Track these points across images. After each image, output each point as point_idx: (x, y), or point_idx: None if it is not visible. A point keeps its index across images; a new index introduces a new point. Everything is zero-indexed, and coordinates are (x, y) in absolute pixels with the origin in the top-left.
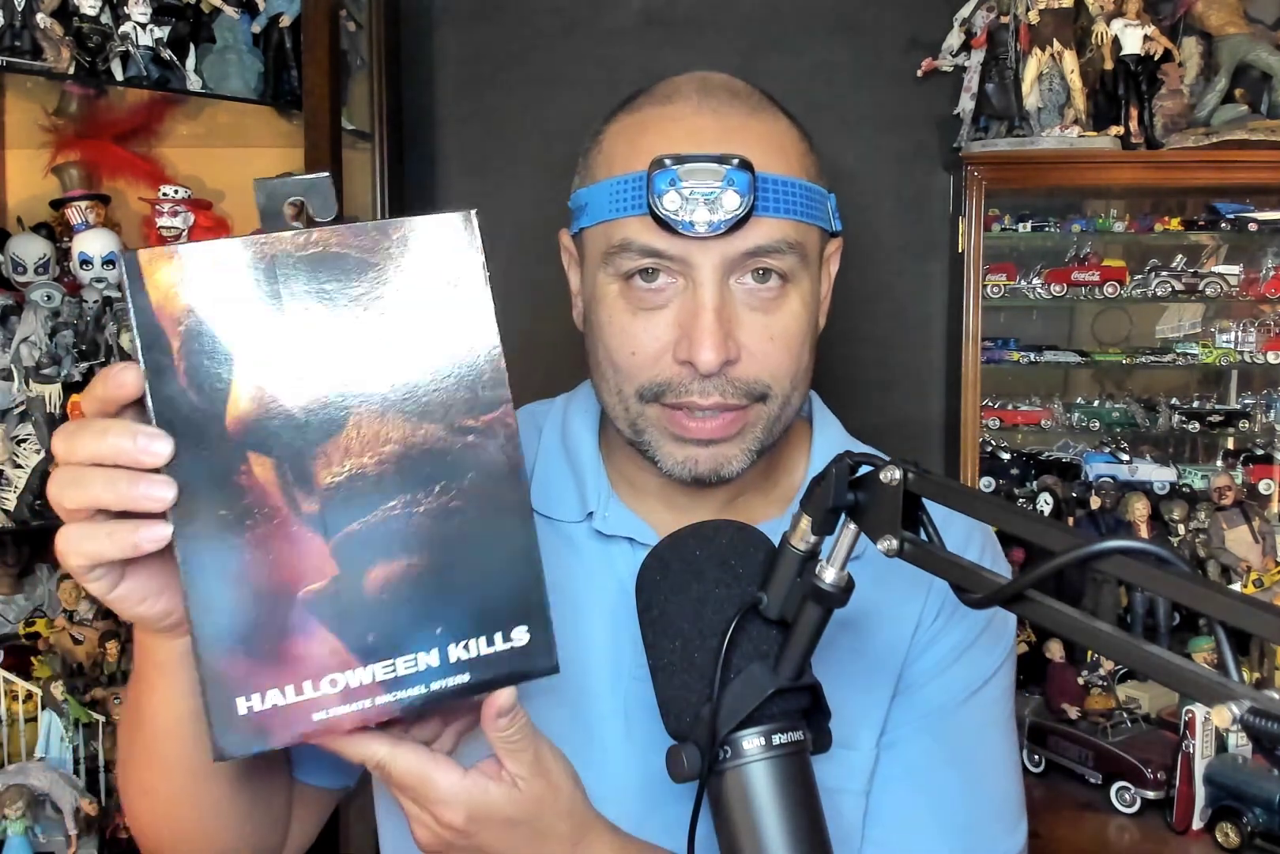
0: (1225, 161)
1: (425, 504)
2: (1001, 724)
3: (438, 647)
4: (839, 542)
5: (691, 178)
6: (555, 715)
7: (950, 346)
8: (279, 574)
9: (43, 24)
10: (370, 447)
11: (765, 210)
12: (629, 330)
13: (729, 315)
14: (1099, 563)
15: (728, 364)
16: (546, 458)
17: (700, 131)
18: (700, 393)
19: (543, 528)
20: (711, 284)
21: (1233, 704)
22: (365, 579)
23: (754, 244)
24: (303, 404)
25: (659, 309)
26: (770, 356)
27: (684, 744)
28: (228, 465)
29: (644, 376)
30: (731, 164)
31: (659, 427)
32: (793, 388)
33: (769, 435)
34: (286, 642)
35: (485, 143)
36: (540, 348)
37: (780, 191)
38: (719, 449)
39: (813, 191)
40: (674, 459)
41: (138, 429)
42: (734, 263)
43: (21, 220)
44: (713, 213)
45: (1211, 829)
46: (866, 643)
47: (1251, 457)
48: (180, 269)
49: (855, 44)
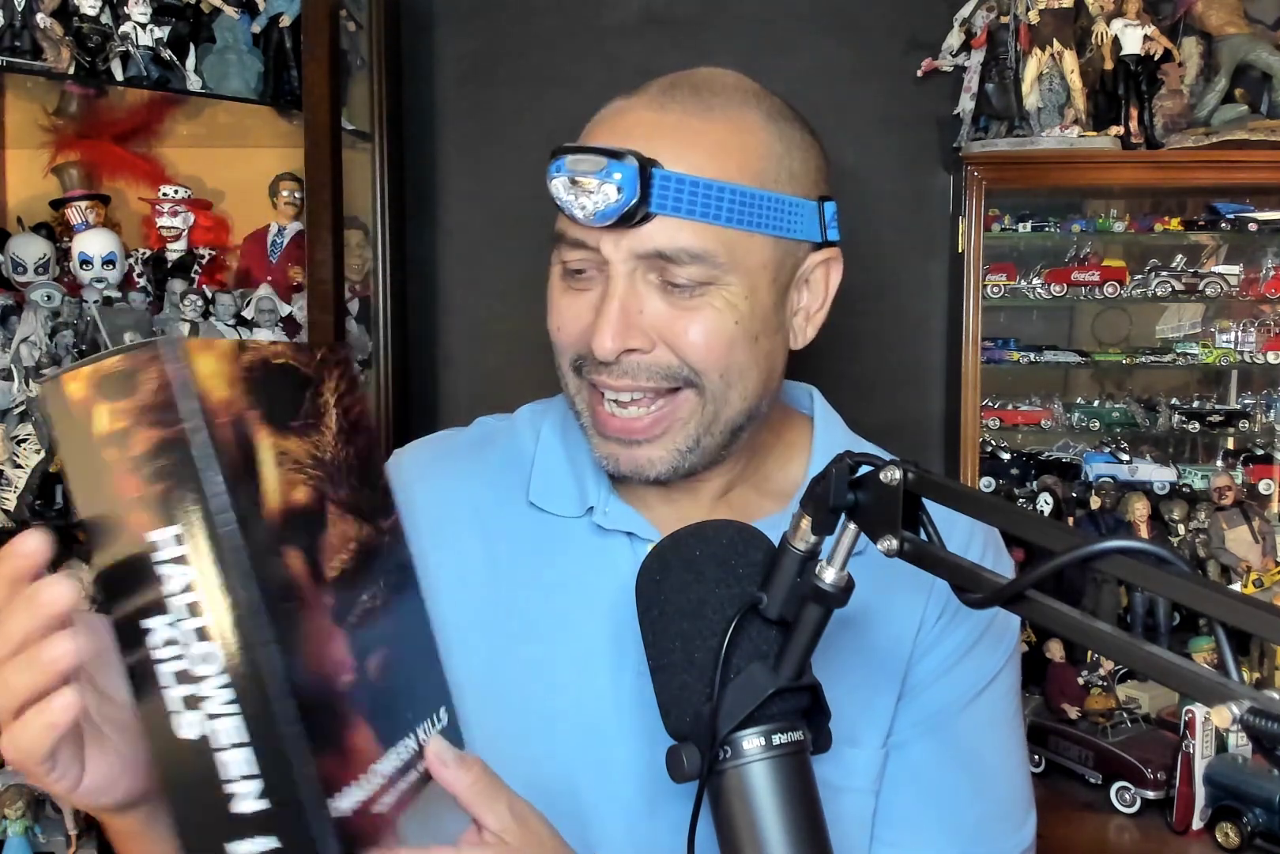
0: (1225, 161)
1: (380, 597)
2: (1007, 721)
3: (413, 731)
4: (839, 542)
5: (575, 167)
6: (556, 713)
7: (950, 346)
8: (328, 666)
9: (43, 24)
10: (344, 543)
11: (668, 209)
12: (559, 306)
13: (639, 306)
14: (1099, 563)
15: (638, 353)
16: (546, 454)
17: (633, 125)
18: (609, 374)
19: (542, 523)
20: (621, 275)
21: (1233, 704)
22: (369, 668)
23: (653, 246)
24: (302, 500)
25: (583, 292)
26: (690, 348)
27: (684, 744)
28: (276, 558)
29: (569, 351)
30: (620, 158)
31: (588, 415)
32: (726, 385)
33: (705, 433)
34: (345, 734)
35: (485, 142)
36: (540, 348)
37: (691, 193)
38: (640, 450)
39: (757, 198)
40: (599, 453)
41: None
42: (642, 259)
43: (21, 220)
44: (596, 204)
45: (1211, 829)
46: (868, 642)
47: (1251, 456)
48: (225, 375)
49: (855, 44)
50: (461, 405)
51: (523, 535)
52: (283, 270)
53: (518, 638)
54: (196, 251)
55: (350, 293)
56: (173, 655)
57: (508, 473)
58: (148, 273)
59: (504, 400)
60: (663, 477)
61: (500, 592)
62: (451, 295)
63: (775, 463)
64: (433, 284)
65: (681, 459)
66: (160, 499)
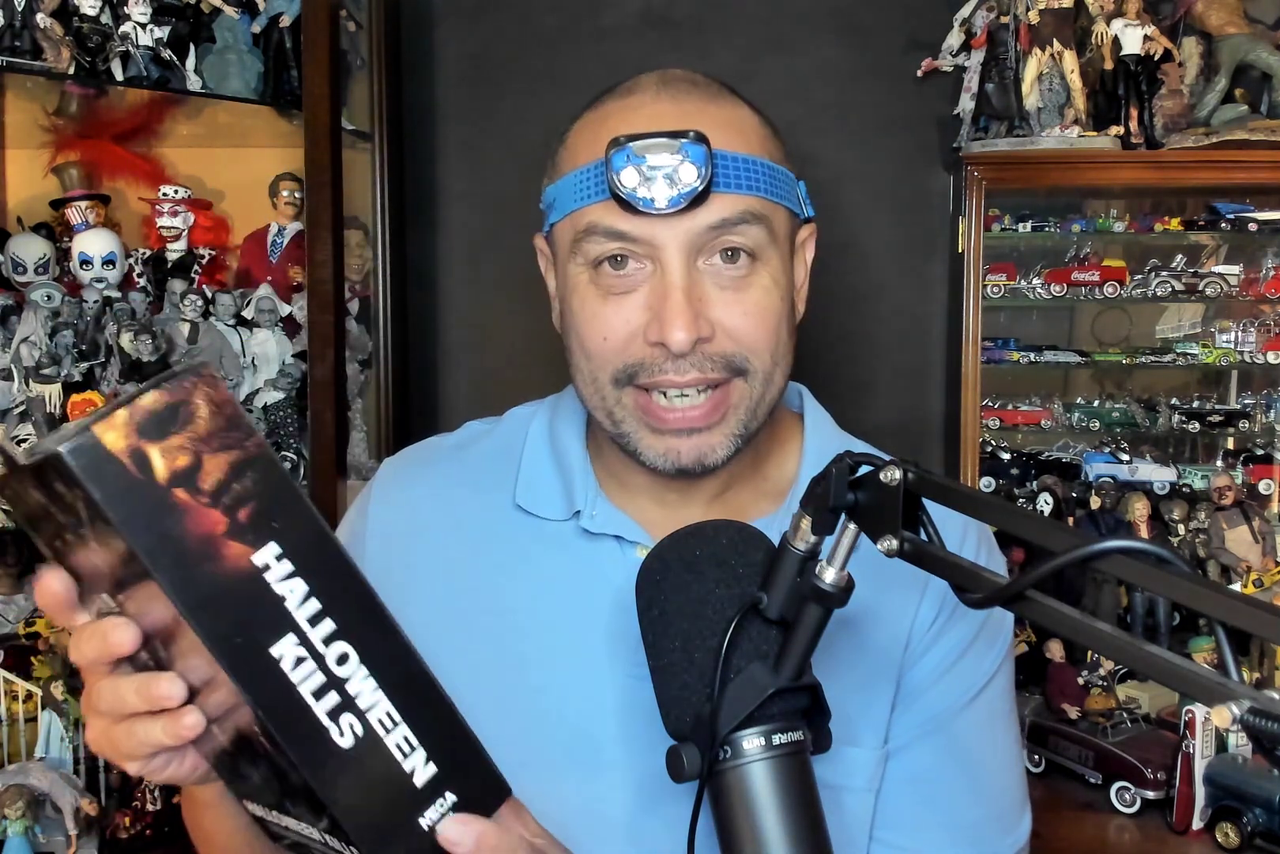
0: (1225, 161)
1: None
2: (1003, 721)
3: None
4: (839, 542)
5: (647, 153)
6: (549, 717)
7: (950, 346)
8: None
9: (43, 24)
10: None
11: (724, 186)
12: (600, 315)
13: (699, 295)
14: (1099, 563)
15: (702, 342)
16: (533, 457)
17: (659, 116)
18: (676, 371)
19: (529, 526)
20: (678, 264)
21: (1233, 704)
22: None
23: (717, 217)
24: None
25: (629, 293)
26: (746, 331)
27: (684, 744)
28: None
29: (617, 360)
30: (687, 138)
31: (636, 417)
32: (774, 364)
33: (752, 418)
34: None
35: (485, 142)
36: (540, 347)
37: (739, 168)
38: (701, 438)
39: (777, 172)
40: (655, 451)
41: (153, 693)
42: (699, 240)
43: (21, 220)
44: (671, 187)
45: (1211, 829)
46: (865, 641)
47: (1251, 457)
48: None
49: (855, 44)
50: (461, 405)
51: (509, 539)
52: (283, 270)
53: (505, 641)
54: (196, 251)
55: (350, 293)
56: (308, 673)
57: (493, 476)
58: (148, 273)
59: (504, 400)
60: (720, 463)
61: (486, 595)
62: (451, 295)
63: (770, 462)
64: (433, 284)
65: (735, 444)
66: (253, 521)
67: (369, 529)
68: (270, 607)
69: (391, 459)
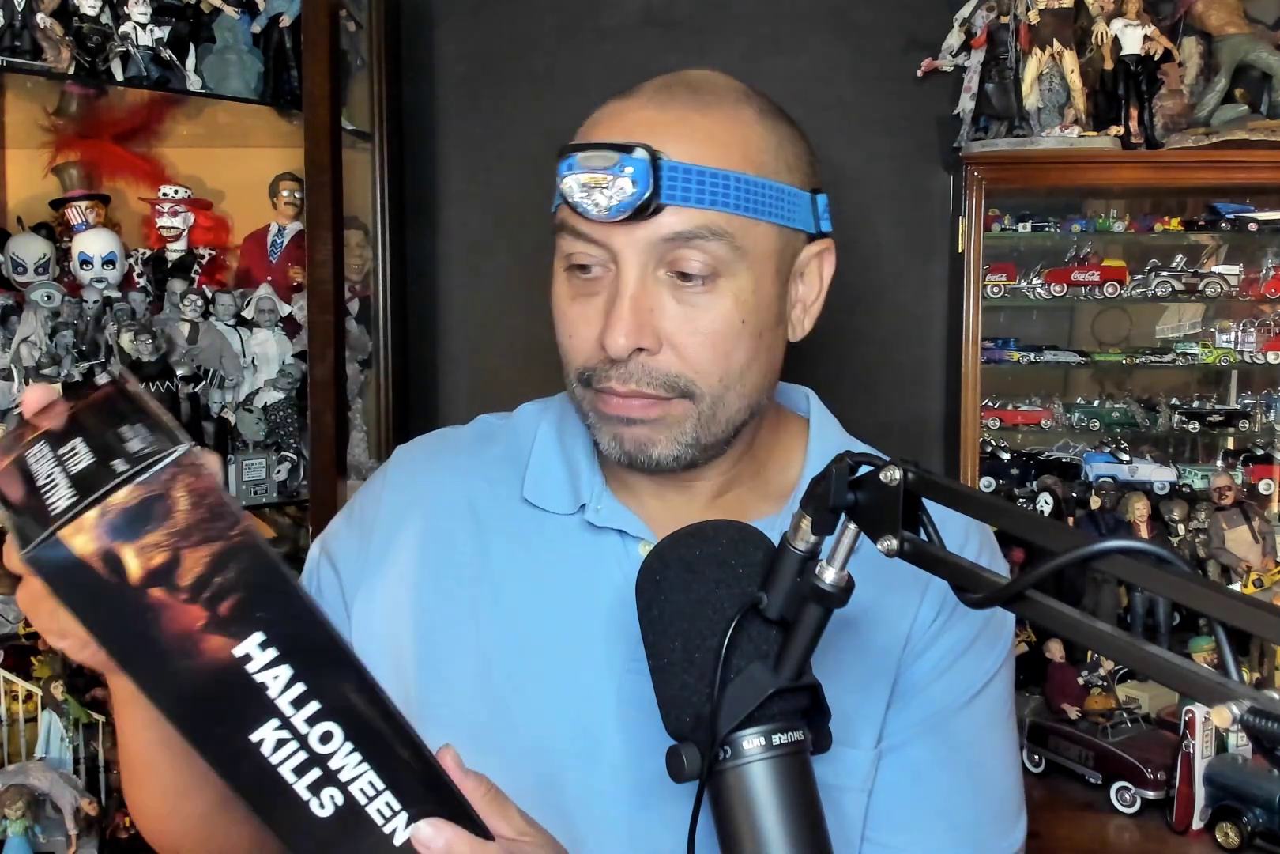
0: (1225, 161)
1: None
2: (1002, 723)
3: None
4: (839, 542)
5: (587, 164)
6: (550, 705)
7: (950, 346)
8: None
9: (43, 24)
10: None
11: (677, 199)
12: (568, 315)
13: (649, 304)
14: (1099, 563)
15: (645, 353)
16: (542, 451)
17: (635, 124)
18: (618, 379)
19: (535, 519)
20: (632, 271)
21: (1233, 704)
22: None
23: (670, 230)
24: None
25: (592, 297)
26: (693, 351)
27: (684, 744)
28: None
29: (578, 361)
30: (631, 153)
31: (593, 408)
32: (724, 387)
33: (706, 434)
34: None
35: (485, 143)
36: (540, 347)
37: (699, 182)
38: (641, 429)
39: (760, 186)
40: (606, 437)
41: None
42: (654, 250)
43: (21, 220)
44: (609, 198)
45: (1211, 829)
46: (864, 642)
47: (1251, 457)
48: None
49: (855, 44)
50: (461, 405)
51: (516, 531)
52: (283, 270)
53: (508, 632)
54: (196, 251)
55: (350, 293)
56: (288, 754)
57: (504, 469)
58: (148, 273)
59: (504, 400)
60: (665, 460)
61: (492, 586)
62: (451, 295)
63: (773, 465)
64: (433, 284)
65: (685, 452)
66: (235, 613)
67: (381, 514)
68: (252, 696)
69: (406, 446)
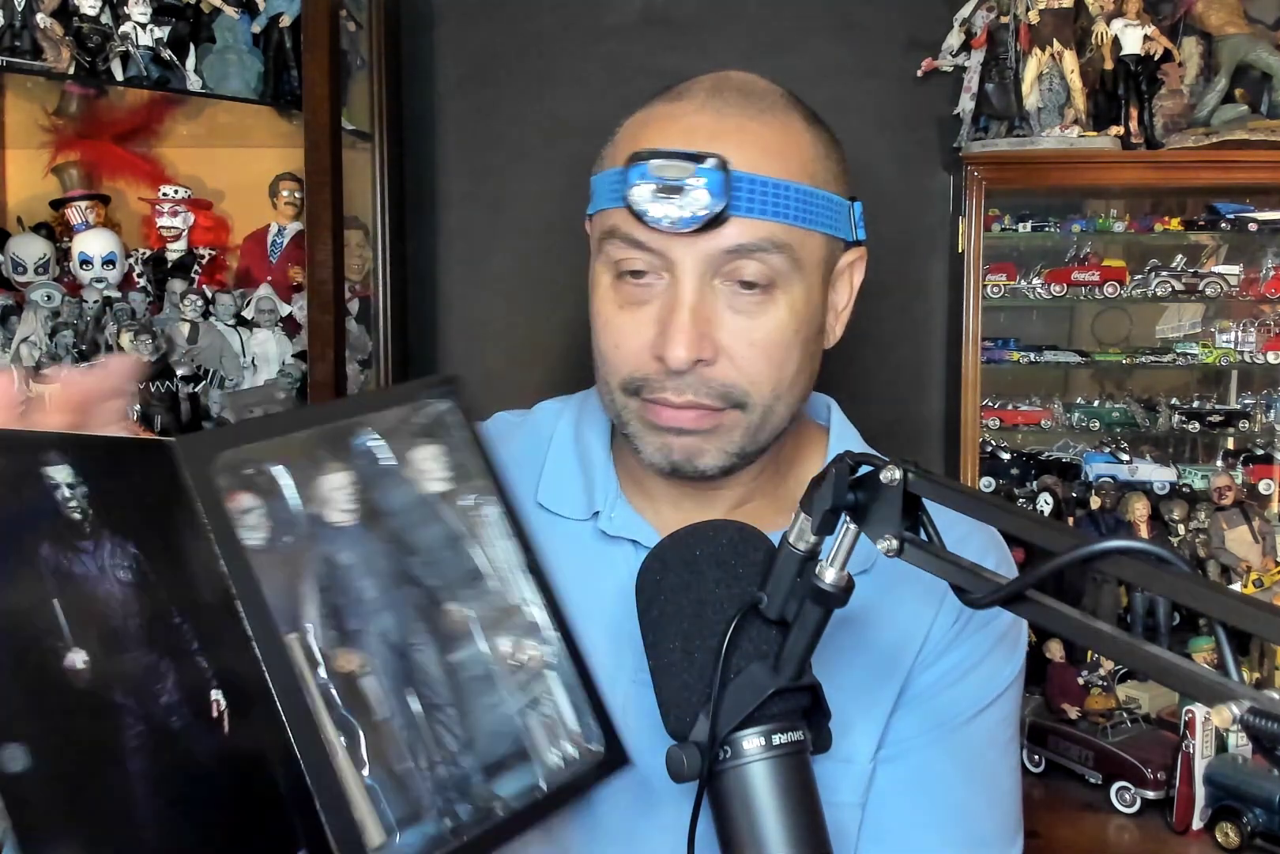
0: (1225, 161)
1: None
2: (1010, 735)
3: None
4: (839, 542)
5: (661, 173)
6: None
7: (950, 346)
8: None
9: (43, 24)
10: None
11: (745, 211)
12: (614, 323)
13: (707, 315)
14: (1099, 563)
15: (703, 364)
16: (558, 455)
17: (693, 130)
18: (674, 390)
19: (548, 524)
20: (691, 281)
21: (1233, 704)
22: None
23: (734, 242)
24: None
25: (643, 305)
26: (749, 361)
27: (684, 744)
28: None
29: (625, 370)
30: (704, 163)
31: (639, 417)
32: (775, 397)
33: (751, 442)
34: None
35: (485, 143)
36: (540, 348)
37: (764, 193)
38: (691, 440)
39: (815, 196)
40: (652, 447)
41: None
42: (714, 261)
43: (21, 220)
44: (681, 209)
45: (1211, 829)
46: (870, 654)
47: (1251, 457)
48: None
49: (855, 44)
50: None
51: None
52: (283, 270)
53: None
54: (196, 251)
55: (350, 293)
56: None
57: (520, 471)
58: (148, 273)
59: (503, 400)
60: (710, 469)
61: None
62: (451, 295)
63: (792, 475)
64: (433, 284)
65: (729, 460)
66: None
67: None
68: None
69: None
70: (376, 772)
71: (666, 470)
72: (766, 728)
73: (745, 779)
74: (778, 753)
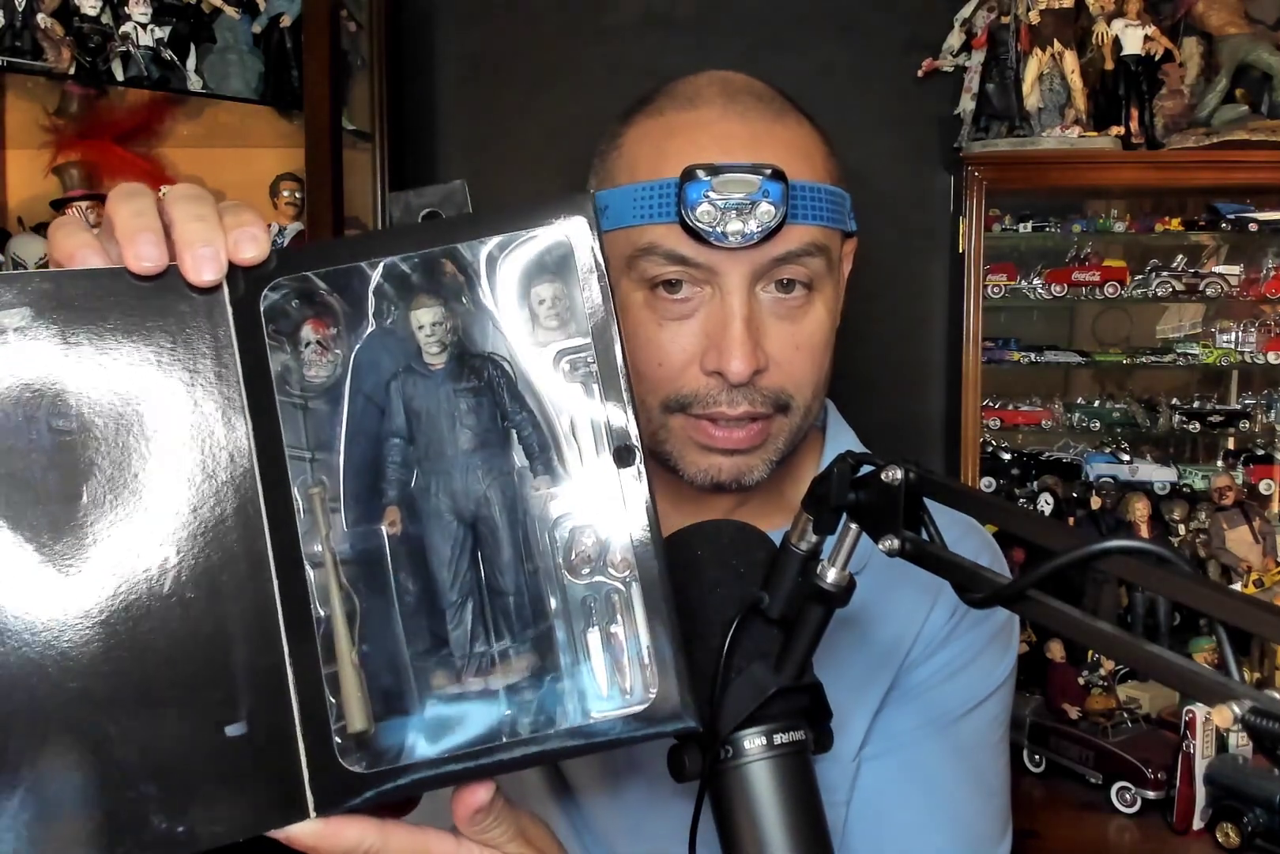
0: (1225, 161)
1: None
2: (1001, 734)
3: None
4: (840, 541)
5: (726, 189)
6: None
7: (950, 346)
8: None
9: (43, 24)
10: None
11: (797, 218)
12: (655, 341)
13: (757, 324)
14: (1099, 563)
15: (757, 373)
16: None
17: (728, 138)
18: (729, 403)
19: None
20: (740, 293)
21: (1234, 704)
22: None
23: (784, 250)
24: None
25: (685, 319)
26: (795, 366)
27: (685, 744)
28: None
29: (669, 388)
30: (765, 174)
31: (682, 437)
32: (813, 397)
33: (789, 445)
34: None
35: (486, 143)
36: None
37: (811, 199)
38: (742, 459)
39: (835, 195)
40: (697, 467)
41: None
42: (761, 270)
43: (22, 220)
44: (745, 224)
45: (1211, 829)
46: (864, 651)
47: (1252, 457)
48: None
49: (855, 44)
50: None
51: None
52: None
53: None
54: None
55: None
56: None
57: None
58: None
59: None
60: (754, 483)
61: None
62: None
63: (789, 476)
64: None
65: (770, 468)
66: None
67: None
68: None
69: None
70: (382, 651)
71: (708, 488)
72: (768, 728)
73: (746, 779)
74: (779, 752)
